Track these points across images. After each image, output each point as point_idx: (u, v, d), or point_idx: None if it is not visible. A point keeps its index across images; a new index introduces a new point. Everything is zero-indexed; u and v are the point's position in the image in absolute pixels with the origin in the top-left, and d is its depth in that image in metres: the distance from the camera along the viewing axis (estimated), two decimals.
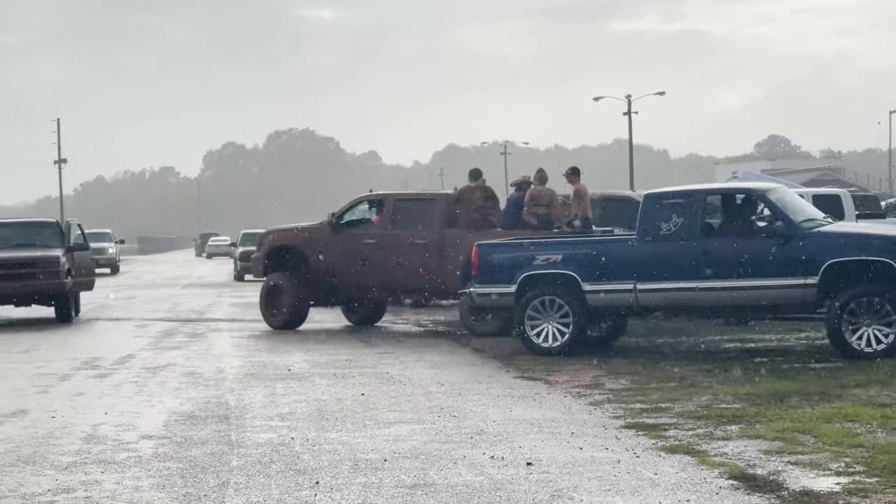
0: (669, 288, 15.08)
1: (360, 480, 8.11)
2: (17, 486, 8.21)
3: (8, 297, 24.00)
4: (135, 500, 7.69)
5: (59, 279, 23.61)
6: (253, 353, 16.92)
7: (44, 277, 23.52)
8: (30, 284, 23.47)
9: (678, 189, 16.59)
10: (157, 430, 10.39)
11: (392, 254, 20.14)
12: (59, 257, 23.86)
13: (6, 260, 23.66)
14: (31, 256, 23.92)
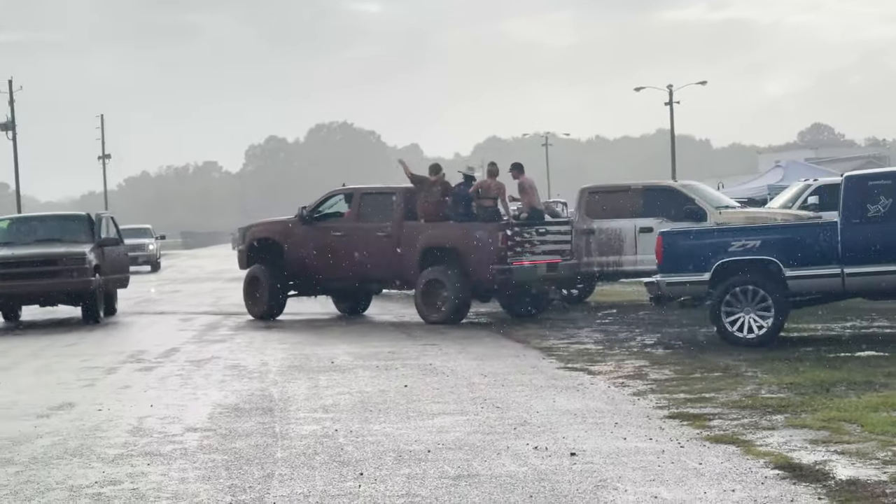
0: (881, 271, 14.71)
1: (404, 472, 8.12)
2: (65, 478, 8.28)
3: (31, 297, 22.58)
4: (180, 491, 7.74)
5: (84, 277, 22.04)
6: (296, 346, 16.98)
7: (68, 275, 22.02)
8: (53, 283, 21.94)
9: (884, 170, 16.56)
10: (201, 423, 10.45)
11: (357, 245, 21.19)
12: (84, 254, 22.26)
13: (28, 257, 22.25)
14: (55, 253, 22.37)
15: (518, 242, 19.88)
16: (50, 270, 21.97)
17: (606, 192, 23.02)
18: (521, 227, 20.13)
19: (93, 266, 22.34)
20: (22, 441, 9.82)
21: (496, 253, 19.57)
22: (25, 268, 21.96)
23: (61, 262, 22.09)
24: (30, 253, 22.39)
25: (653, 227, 21.57)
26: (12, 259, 22.03)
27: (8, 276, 21.86)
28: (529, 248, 20.08)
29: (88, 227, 23.88)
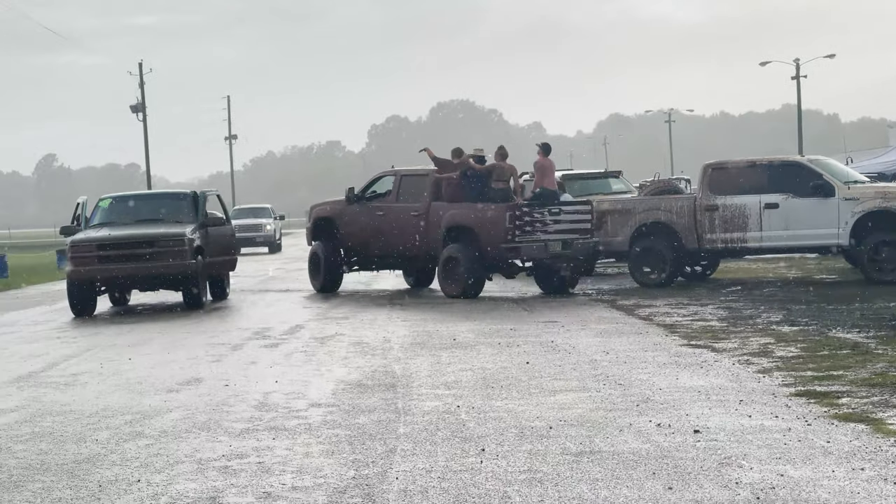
0: None
1: (526, 448, 8.12)
2: (193, 451, 8.44)
3: (127, 281, 21.30)
4: (305, 466, 7.83)
5: (183, 260, 20.71)
6: (419, 323, 17.07)
7: (166, 258, 20.67)
8: (150, 266, 20.64)
9: None
10: (325, 398, 10.57)
11: (395, 223, 22.86)
12: (183, 234, 20.94)
13: (124, 239, 20.96)
14: (152, 234, 21.08)
15: (527, 222, 20.95)
16: (147, 253, 20.71)
17: (730, 167, 22.67)
18: (532, 208, 21.18)
19: (194, 248, 21.03)
20: (152, 415, 10.03)
21: (504, 232, 20.79)
22: (121, 250, 20.75)
23: (159, 243, 20.82)
24: (126, 234, 21.15)
25: (778, 204, 21.26)
26: (108, 241, 20.89)
27: (104, 258, 20.70)
28: (541, 228, 21.09)
29: (192, 206, 22.56)
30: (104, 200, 23.11)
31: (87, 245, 20.85)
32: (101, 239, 20.95)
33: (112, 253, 20.73)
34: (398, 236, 22.78)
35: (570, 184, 26.86)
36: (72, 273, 20.77)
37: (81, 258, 20.69)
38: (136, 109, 77.17)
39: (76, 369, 13.44)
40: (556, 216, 21.34)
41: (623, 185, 27.88)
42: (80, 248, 20.83)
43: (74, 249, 20.84)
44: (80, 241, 21.04)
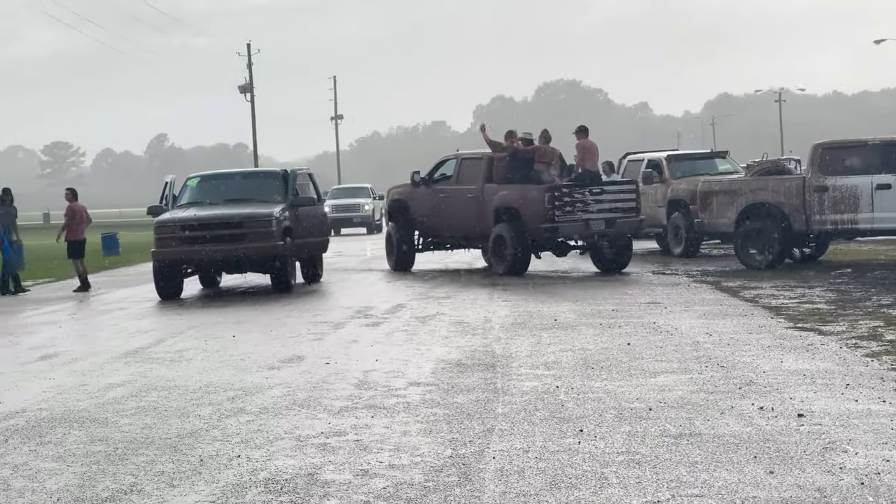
0: None
1: (625, 429, 8.04)
2: (293, 428, 8.50)
3: (213, 264, 20.68)
4: (402, 444, 7.85)
5: (270, 241, 20.03)
6: (520, 303, 17.02)
7: (252, 239, 20.02)
8: (236, 248, 19.99)
9: None
10: (424, 378, 10.58)
11: (454, 205, 23.83)
12: (271, 215, 20.25)
13: (210, 219, 20.35)
14: (238, 214, 20.39)
15: (567, 203, 21.79)
16: (233, 234, 20.10)
17: (841, 147, 22.18)
18: (572, 189, 22.00)
19: (282, 228, 20.35)
20: (254, 392, 10.14)
21: (544, 212, 21.68)
22: (207, 231, 20.17)
23: (245, 224, 20.16)
24: (212, 215, 20.49)
25: (891, 184, 20.78)
26: (193, 221, 20.32)
27: (189, 239, 20.16)
28: (582, 208, 21.89)
29: (282, 186, 21.80)
30: (192, 179, 22.50)
31: (171, 226, 20.37)
32: (187, 220, 20.44)
33: (197, 234, 20.17)
34: (458, 217, 23.78)
35: (676, 164, 26.61)
36: (157, 254, 20.32)
37: (166, 239, 20.24)
38: (244, 90, 78.08)
39: (182, 346, 13.65)
40: (598, 196, 22.12)
41: (730, 166, 27.50)
42: (165, 228, 20.37)
43: (159, 230, 20.42)
44: (165, 221, 20.60)
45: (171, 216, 20.83)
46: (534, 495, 6.46)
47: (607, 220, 22.00)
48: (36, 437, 8.57)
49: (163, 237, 20.31)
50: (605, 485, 6.62)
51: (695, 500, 6.26)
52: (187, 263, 20.49)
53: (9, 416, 9.49)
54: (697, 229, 24.17)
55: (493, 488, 6.63)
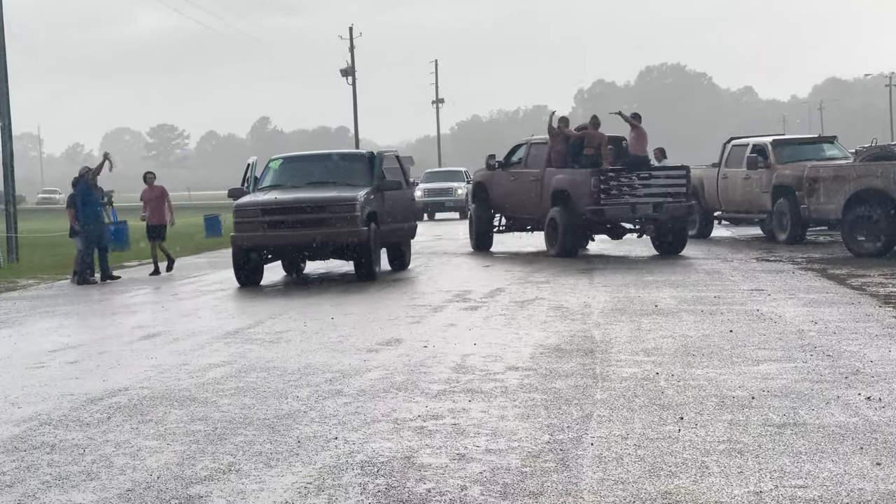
0: None
1: (726, 418, 7.90)
2: (390, 411, 8.50)
3: (293, 249, 19.76)
4: (500, 428, 7.80)
5: (353, 227, 19.18)
6: (620, 289, 16.85)
7: (334, 225, 19.21)
8: (318, 233, 19.20)
9: None
10: (523, 362, 10.52)
11: (522, 188, 24.88)
12: (354, 199, 19.36)
13: (290, 203, 19.49)
14: (319, 198, 19.52)
15: (613, 186, 22.70)
16: (315, 219, 19.26)
17: None
18: (618, 173, 22.89)
19: (366, 214, 19.54)
20: (352, 374, 10.16)
21: (590, 195, 22.62)
22: (287, 215, 19.33)
23: (327, 208, 19.32)
24: (294, 198, 19.61)
25: None
26: (273, 205, 19.49)
27: (268, 224, 19.36)
28: (629, 192, 22.73)
29: (367, 169, 20.98)
30: (274, 161, 21.81)
31: (251, 209, 19.57)
32: (266, 203, 19.55)
33: (278, 218, 19.34)
34: (525, 199, 24.85)
35: (781, 149, 26.18)
36: (235, 239, 19.58)
37: (245, 223, 19.47)
38: (345, 73, 78.57)
39: (280, 327, 13.74)
40: (645, 181, 22.94)
41: (838, 151, 26.97)
42: (244, 212, 19.59)
43: (238, 214, 19.64)
44: (244, 205, 19.81)
45: (251, 199, 20.05)
46: (632, 483, 6.37)
47: (655, 204, 22.81)
48: (138, 415, 8.67)
49: (242, 221, 19.56)
50: (706, 474, 6.50)
51: (798, 491, 6.12)
52: (267, 249, 19.67)
53: (112, 393, 9.63)
54: (803, 216, 23.79)
55: (591, 475, 6.55)
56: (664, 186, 23.09)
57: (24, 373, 11.08)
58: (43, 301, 18.71)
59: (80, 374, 10.84)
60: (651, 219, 23.17)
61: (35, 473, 6.98)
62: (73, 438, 7.92)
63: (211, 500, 6.30)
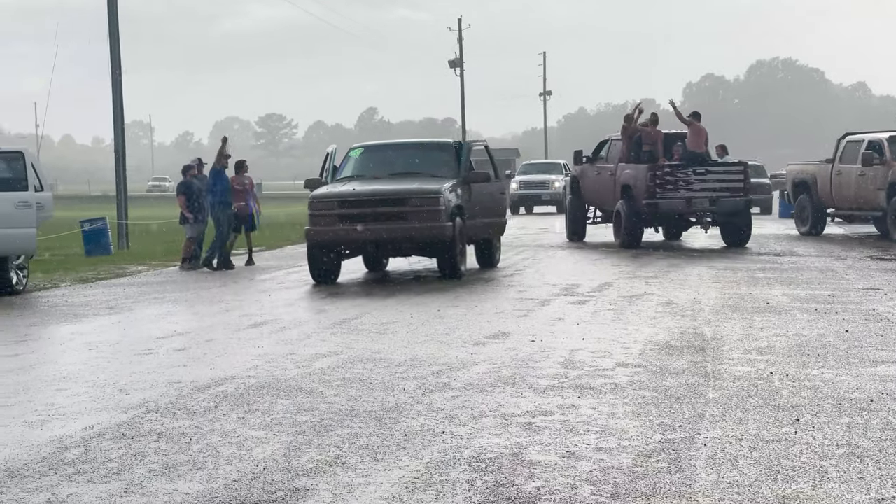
0: None
1: (844, 420, 7.64)
2: (497, 406, 8.37)
3: (370, 245, 18.52)
4: (609, 426, 7.63)
5: (436, 221, 17.89)
6: (731, 285, 16.54)
7: (416, 219, 17.93)
8: (397, 228, 17.97)
9: None
10: (632, 359, 10.32)
11: (601, 182, 26.27)
12: (438, 192, 18.06)
13: (369, 195, 18.24)
14: (400, 190, 18.34)
15: (670, 181, 23.86)
16: (394, 212, 18.03)
17: None
18: (674, 168, 24.09)
19: (451, 207, 18.25)
20: (458, 367, 10.05)
21: (646, 189, 23.81)
22: (364, 208, 18.08)
23: (409, 201, 18.05)
24: (372, 190, 18.40)
25: None
26: (352, 197, 18.29)
27: (344, 217, 18.15)
28: (685, 186, 23.85)
29: (454, 159, 19.70)
30: (355, 150, 20.60)
31: (327, 201, 18.34)
32: (343, 195, 18.35)
33: (354, 211, 18.08)
34: (604, 193, 26.10)
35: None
36: (310, 233, 18.36)
37: (320, 216, 18.24)
38: (453, 64, 78.59)
39: (386, 318, 13.69)
40: (702, 176, 24.02)
41: None
42: (320, 204, 18.33)
43: (313, 206, 18.37)
44: (320, 196, 18.56)
45: (327, 191, 18.82)
46: (748, 486, 6.17)
47: (711, 198, 23.91)
48: (244, 404, 8.66)
49: (317, 214, 18.30)
50: (825, 478, 6.28)
51: None
52: (343, 244, 18.43)
53: (219, 382, 9.64)
54: None
55: (705, 477, 6.36)
56: (721, 182, 24.11)
57: (133, 359, 11.17)
58: (151, 287, 18.92)
59: (188, 361, 10.89)
60: (707, 212, 24.30)
61: (142, 461, 6.99)
62: (180, 427, 7.92)
63: (317, 492, 6.23)
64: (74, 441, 7.57)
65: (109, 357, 11.40)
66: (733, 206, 24.10)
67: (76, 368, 10.69)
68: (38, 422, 8.25)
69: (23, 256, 18.98)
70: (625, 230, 24.41)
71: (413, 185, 18.46)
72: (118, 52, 30.09)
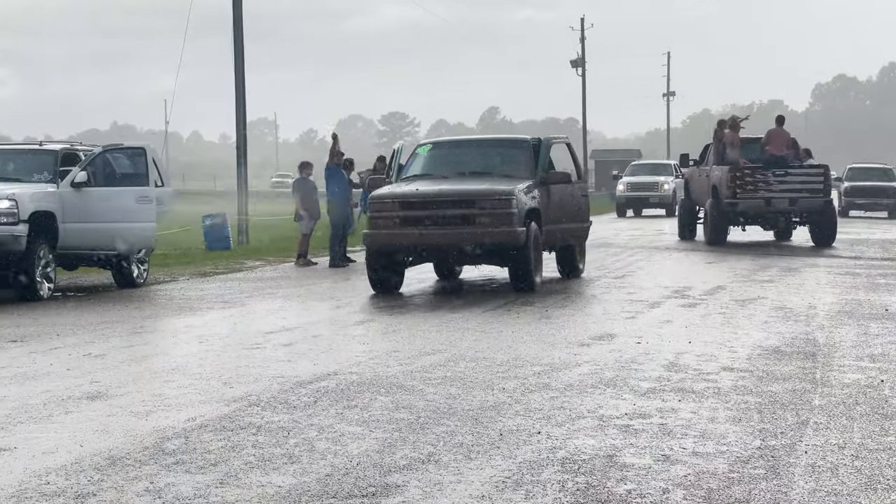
0: None
1: None
2: (596, 407, 8.30)
3: (434, 252, 16.82)
4: (708, 431, 7.52)
5: (507, 226, 16.00)
6: (848, 291, 16.19)
7: (485, 223, 16.08)
8: (466, 233, 16.16)
9: None
10: (738, 363, 10.15)
11: (704, 183, 27.10)
12: (510, 193, 16.19)
13: (433, 196, 16.44)
14: (468, 191, 16.54)
15: (749, 182, 25.13)
16: (461, 215, 16.22)
17: None
18: (753, 170, 25.26)
19: (524, 211, 16.38)
20: (560, 368, 10.00)
21: (727, 190, 25.20)
22: (429, 210, 16.28)
23: (477, 204, 16.23)
24: (437, 190, 16.61)
25: None
26: (414, 198, 16.52)
27: (407, 220, 16.40)
28: (764, 187, 25.08)
29: (531, 158, 17.77)
30: (423, 147, 18.86)
31: (387, 202, 16.61)
32: (405, 195, 16.62)
33: (417, 214, 16.34)
34: (703, 195, 26.95)
35: None
36: (368, 237, 16.71)
37: (381, 219, 16.54)
38: (575, 64, 78.27)
39: (492, 318, 13.67)
40: (780, 177, 25.12)
41: None
42: (380, 205, 16.66)
43: (374, 207, 16.76)
44: (380, 197, 16.84)
45: (389, 191, 17.09)
46: (846, 495, 6.02)
47: (790, 199, 25.04)
48: (344, 400, 8.72)
49: (377, 216, 16.61)
50: None
51: None
52: (404, 249, 16.67)
53: (321, 377, 9.72)
54: None
55: (803, 485, 6.22)
56: (801, 183, 25.23)
57: (241, 353, 11.33)
58: (266, 283, 19.18)
59: (293, 356, 11.00)
60: (786, 212, 25.59)
61: (239, 453, 7.07)
62: (279, 421, 8.00)
63: (407, 489, 6.24)
64: (176, 432, 7.70)
65: (218, 350, 11.58)
66: (812, 207, 25.26)
67: (185, 361, 10.88)
68: (144, 412, 8.41)
69: (143, 250, 19.39)
70: (711, 228, 25.93)
71: (483, 186, 16.66)
72: (242, 50, 30.57)
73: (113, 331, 13.18)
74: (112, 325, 13.77)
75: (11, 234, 16.50)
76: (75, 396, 9.04)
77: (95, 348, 11.73)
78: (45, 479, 6.55)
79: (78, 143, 20.69)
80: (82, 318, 14.47)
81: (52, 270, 17.35)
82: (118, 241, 18.39)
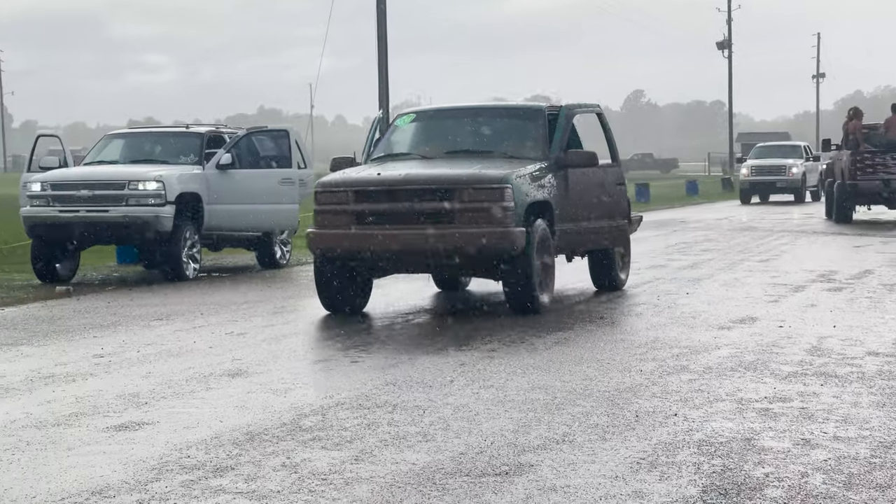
0: None
1: None
2: (735, 390, 8.17)
3: (396, 261, 12.37)
4: (851, 415, 7.33)
5: (498, 225, 11.73)
6: None
7: (470, 220, 11.75)
8: (442, 234, 11.84)
9: None
10: (885, 348, 9.88)
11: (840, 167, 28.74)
12: (503, 180, 11.88)
13: (401, 183, 12.06)
14: (447, 176, 12.11)
15: (868, 165, 27.36)
16: (436, 210, 11.86)
17: None
18: (873, 154, 27.49)
19: (523, 204, 12.00)
20: (700, 351, 9.86)
21: (849, 172, 27.59)
22: (394, 202, 11.99)
23: (458, 194, 11.83)
24: (404, 176, 12.16)
25: None
26: (374, 186, 12.19)
27: (364, 216, 12.13)
28: (882, 169, 27.27)
29: (543, 133, 13.24)
30: (404, 117, 14.36)
31: (338, 192, 12.33)
32: (361, 183, 12.33)
33: (376, 207, 12.09)
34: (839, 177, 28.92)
35: None
36: (312, 239, 12.44)
37: (329, 213, 12.32)
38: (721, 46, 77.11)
39: (633, 300, 13.55)
40: None
41: None
42: (328, 195, 12.40)
43: (319, 198, 12.51)
44: (328, 184, 12.50)
45: (342, 177, 12.61)
46: None
47: None
48: (480, 380, 8.72)
49: (323, 210, 12.42)
50: None
51: None
52: (358, 256, 12.32)
53: (454, 355, 9.74)
54: None
55: None
56: None
57: (376, 333, 11.41)
58: None
59: (432, 334, 11.04)
60: None
61: (374, 431, 7.13)
62: (415, 399, 8.05)
63: (541, 469, 6.22)
64: (314, 409, 7.80)
65: (359, 330, 11.68)
66: None
67: (325, 341, 11.00)
68: (283, 389, 8.53)
69: (286, 231, 19.69)
70: (836, 208, 28.44)
71: (466, 171, 12.25)
72: (385, 33, 30.80)
73: (255, 310, 13.40)
74: (254, 304, 14.01)
75: (158, 214, 16.89)
76: (216, 373, 9.22)
77: (237, 327, 11.95)
78: (186, 452, 6.69)
79: (223, 125, 21.07)
80: (226, 298, 14.75)
81: (197, 251, 17.71)
82: (262, 223, 18.72)
